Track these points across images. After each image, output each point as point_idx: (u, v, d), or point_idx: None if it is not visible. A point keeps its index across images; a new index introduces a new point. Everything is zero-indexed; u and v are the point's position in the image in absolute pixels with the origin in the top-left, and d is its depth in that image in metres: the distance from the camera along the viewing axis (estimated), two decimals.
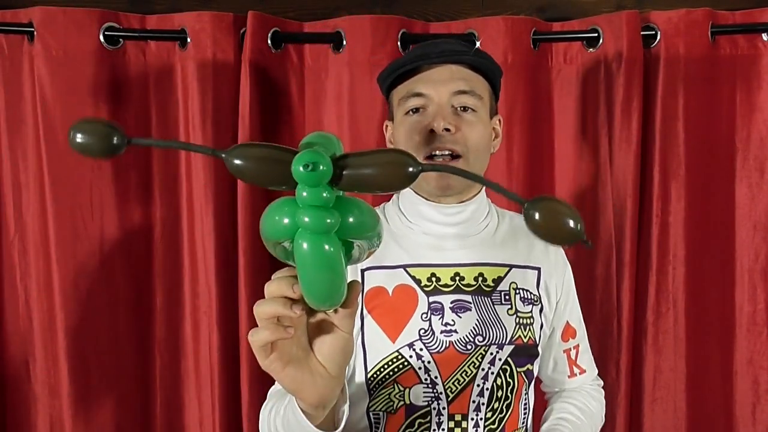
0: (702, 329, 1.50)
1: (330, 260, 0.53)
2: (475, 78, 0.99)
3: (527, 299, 1.01)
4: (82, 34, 1.36)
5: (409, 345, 0.94)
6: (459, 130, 0.95)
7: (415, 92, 0.97)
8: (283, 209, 0.53)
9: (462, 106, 0.96)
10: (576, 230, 0.50)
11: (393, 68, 1.01)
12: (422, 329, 0.95)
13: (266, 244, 0.58)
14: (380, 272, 0.97)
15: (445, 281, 0.97)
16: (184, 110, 1.41)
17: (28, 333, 1.43)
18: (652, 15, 1.45)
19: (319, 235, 0.51)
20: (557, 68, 1.49)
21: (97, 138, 0.48)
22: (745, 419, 1.51)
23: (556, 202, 0.52)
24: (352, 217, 0.53)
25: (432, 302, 0.96)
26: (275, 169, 0.50)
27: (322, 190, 0.50)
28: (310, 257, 0.52)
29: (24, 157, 1.40)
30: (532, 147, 1.47)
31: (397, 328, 0.95)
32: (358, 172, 0.51)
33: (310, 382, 0.62)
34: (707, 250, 1.49)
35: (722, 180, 1.49)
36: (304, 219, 0.50)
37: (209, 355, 1.44)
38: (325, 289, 0.55)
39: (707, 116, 1.47)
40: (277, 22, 1.42)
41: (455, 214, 1.00)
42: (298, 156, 0.49)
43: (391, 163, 0.51)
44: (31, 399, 1.45)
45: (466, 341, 0.95)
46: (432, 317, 0.95)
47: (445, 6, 1.51)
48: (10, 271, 1.44)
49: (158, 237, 1.46)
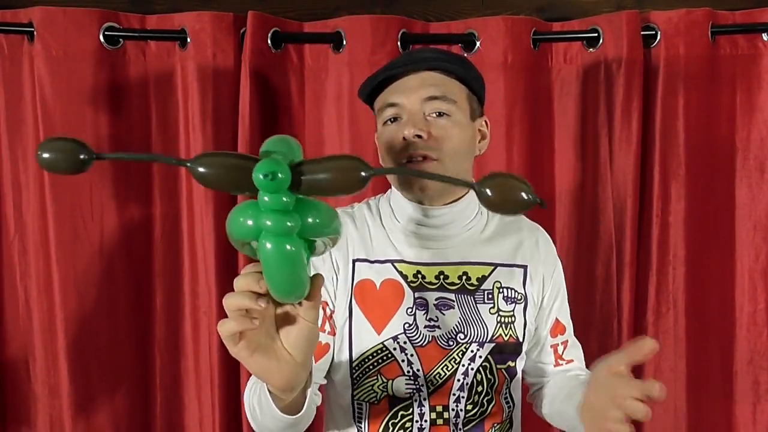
0: (702, 329, 1.50)
1: (292, 259, 0.57)
2: (448, 82, 0.99)
3: (511, 298, 1.02)
4: (82, 34, 1.36)
5: (393, 338, 0.97)
6: (431, 135, 0.96)
7: (389, 102, 1.00)
8: (246, 212, 0.56)
9: (436, 111, 0.97)
10: (527, 199, 0.55)
11: (367, 82, 1.04)
12: (407, 323, 0.98)
13: (233, 243, 0.62)
14: (370, 266, 1.00)
15: (430, 279, 1.00)
16: (184, 110, 1.41)
17: (28, 333, 1.43)
18: (652, 15, 1.45)
19: (281, 236, 0.55)
20: (557, 68, 1.49)
21: (63, 155, 0.51)
22: (745, 419, 1.51)
23: (502, 176, 0.56)
24: (311, 217, 0.57)
25: (417, 298, 0.98)
26: (238, 176, 0.54)
27: (282, 196, 0.54)
28: (273, 257, 0.56)
29: (24, 157, 1.41)
30: (532, 147, 1.47)
31: (383, 320, 0.98)
32: (314, 178, 0.55)
33: (277, 368, 0.66)
34: (707, 250, 1.49)
35: (722, 180, 1.49)
36: (266, 222, 0.54)
37: (209, 355, 1.44)
38: (288, 285, 0.60)
39: (707, 116, 1.47)
40: (277, 22, 1.42)
41: (440, 216, 1.01)
42: (258, 165, 0.52)
43: (344, 169, 0.55)
44: (31, 399, 1.45)
45: (448, 337, 0.98)
46: (417, 312, 0.98)
47: (445, 6, 1.51)
48: (10, 271, 1.44)
49: (158, 237, 1.46)
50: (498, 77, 1.43)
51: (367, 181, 0.56)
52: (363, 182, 0.55)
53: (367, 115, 1.43)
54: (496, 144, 1.44)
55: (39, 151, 0.51)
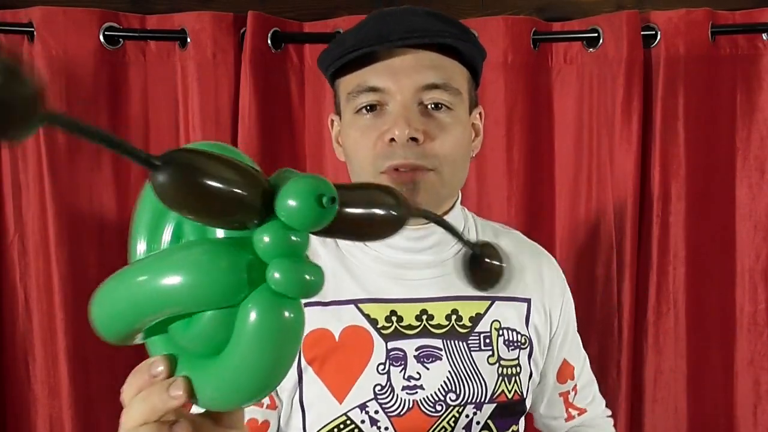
0: (702, 329, 1.49)
1: (295, 334, 0.38)
2: (449, 64, 0.76)
3: (513, 342, 0.80)
4: (82, 34, 1.36)
5: (360, 406, 0.74)
6: (429, 137, 0.73)
7: (369, 86, 0.74)
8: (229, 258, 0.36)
9: (434, 102, 0.75)
10: None
11: (337, 52, 0.76)
12: (378, 385, 0.75)
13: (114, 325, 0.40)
14: (324, 310, 0.75)
15: (409, 321, 0.76)
16: (184, 110, 1.41)
17: (28, 333, 1.43)
18: (652, 15, 1.45)
19: (288, 302, 0.37)
20: (557, 68, 1.48)
21: None
22: (746, 420, 1.51)
23: None
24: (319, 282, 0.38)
25: (391, 349, 0.75)
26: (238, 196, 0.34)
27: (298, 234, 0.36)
28: (271, 331, 0.36)
29: (24, 157, 1.40)
30: (532, 147, 1.47)
31: (345, 384, 0.75)
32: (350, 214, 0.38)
33: None
34: (708, 250, 1.49)
35: (722, 180, 1.49)
36: (275, 275, 0.36)
37: None
38: (261, 382, 0.38)
39: (707, 116, 1.46)
40: (277, 22, 1.42)
41: (423, 237, 0.78)
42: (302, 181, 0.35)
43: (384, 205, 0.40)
44: (31, 399, 1.45)
45: (434, 401, 0.75)
46: (391, 369, 0.75)
47: (445, 6, 1.51)
48: (10, 271, 1.43)
49: None
50: (498, 77, 1.42)
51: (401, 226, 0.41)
52: (399, 226, 0.41)
53: None
54: (496, 144, 1.44)
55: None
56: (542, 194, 1.49)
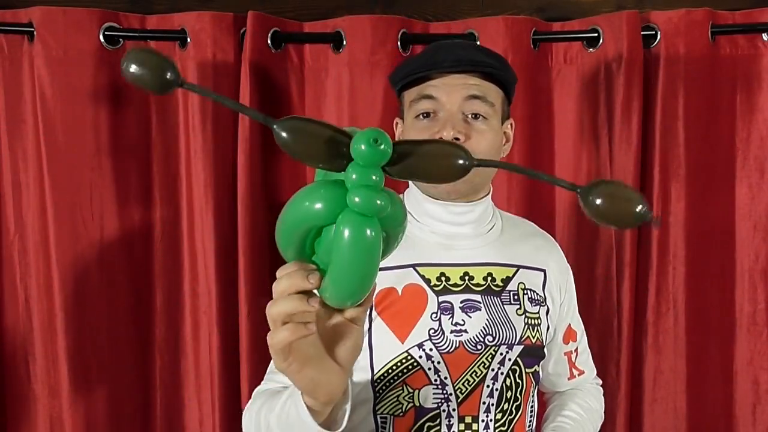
0: (702, 329, 1.49)
1: (373, 246, 0.51)
2: (487, 85, 0.98)
3: (535, 300, 1.00)
4: (82, 34, 1.36)
5: (418, 345, 0.93)
6: (468, 138, 0.94)
7: (426, 94, 0.97)
8: (318, 193, 0.51)
9: (473, 113, 0.96)
10: (641, 212, 0.48)
11: (405, 72, 1.00)
12: (432, 329, 0.93)
13: (282, 239, 0.57)
14: (390, 273, 0.95)
15: (455, 281, 0.96)
16: (184, 110, 1.41)
17: (28, 333, 1.43)
18: (652, 15, 1.45)
19: (366, 218, 0.50)
20: (557, 68, 1.48)
21: (150, 71, 0.50)
22: (745, 420, 1.51)
23: (614, 184, 0.50)
24: (391, 207, 0.51)
25: (442, 302, 0.95)
26: (325, 146, 0.49)
27: (375, 172, 0.49)
28: (353, 241, 0.50)
29: (24, 157, 1.40)
30: (532, 147, 1.47)
31: (406, 328, 0.94)
32: (411, 160, 0.51)
33: (326, 381, 0.62)
34: (707, 250, 1.49)
35: (722, 180, 1.49)
36: (354, 199, 0.49)
37: (209, 355, 1.44)
38: (359, 279, 0.53)
39: (707, 116, 1.47)
40: (277, 22, 1.42)
41: (464, 213, 0.99)
42: (362, 132, 0.48)
43: (443, 155, 0.52)
44: (31, 399, 1.45)
45: (476, 341, 0.94)
46: (442, 317, 0.94)
47: (445, 6, 1.51)
48: (10, 271, 1.43)
49: (158, 237, 1.46)
50: None
51: (467, 172, 0.52)
52: (462, 172, 0.51)
53: (367, 115, 1.44)
54: None
55: (125, 63, 0.49)
56: (542, 194, 1.49)
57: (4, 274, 1.44)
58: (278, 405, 0.75)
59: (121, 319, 1.44)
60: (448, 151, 0.52)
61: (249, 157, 1.39)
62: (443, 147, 0.53)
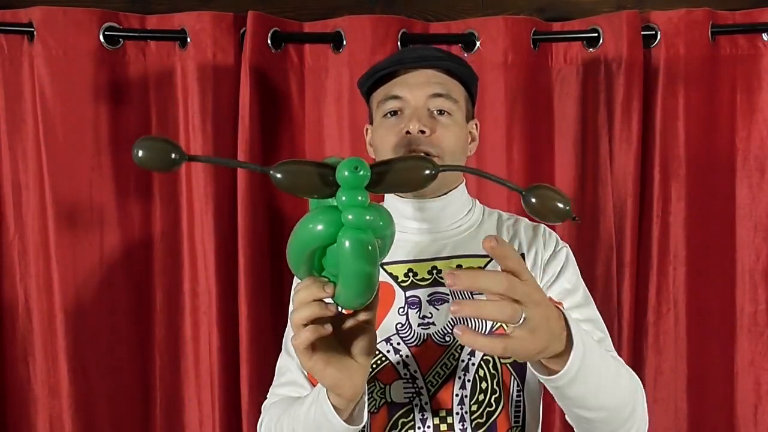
0: (703, 330, 1.49)
1: (370, 255, 0.60)
2: (450, 82, 1.01)
3: None
4: (82, 34, 1.36)
5: (386, 340, 0.95)
6: (434, 132, 0.97)
7: (392, 95, 1.00)
8: (317, 218, 0.61)
9: (438, 109, 0.99)
10: (565, 209, 0.62)
11: (371, 72, 1.03)
12: (399, 323, 0.95)
13: (294, 261, 0.66)
14: None
15: (422, 275, 0.98)
16: (184, 110, 1.41)
17: (28, 333, 1.43)
18: (652, 15, 1.45)
19: (362, 231, 0.59)
20: (557, 68, 1.48)
21: (157, 153, 0.56)
22: (746, 420, 1.51)
23: (545, 188, 0.62)
24: (379, 219, 0.62)
25: (409, 297, 0.96)
26: (315, 180, 0.60)
27: (360, 193, 0.59)
28: (354, 252, 0.59)
29: (24, 157, 1.40)
30: (532, 147, 1.47)
31: None
32: (387, 177, 0.62)
33: (348, 378, 0.70)
34: (708, 250, 1.49)
35: (722, 180, 1.49)
36: (348, 217, 0.59)
37: (209, 355, 1.43)
38: (364, 283, 0.62)
39: (707, 116, 1.47)
40: (277, 22, 1.42)
41: (432, 209, 1.01)
42: (344, 162, 0.59)
43: (412, 168, 0.62)
44: (31, 399, 1.45)
45: (444, 333, 0.95)
46: (409, 311, 0.96)
47: (445, 6, 1.51)
48: (10, 271, 1.43)
49: (158, 237, 1.46)
50: (498, 77, 1.43)
51: (434, 178, 0.62)
52: (430, 179, 0.62)
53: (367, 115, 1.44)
54: (496, 144, 1.44)
55: (135, 149, 0.56)
56: None
57: (4, 274, 1.44)
58: (303, 411, 0.81)
59: (121, 319, 1.44)
60: (416, 164, 0.63)
61: (249, 157, 1.39)
62: (411, 161, 0.63)
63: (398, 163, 0.62)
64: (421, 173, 0.61)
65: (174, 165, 0.56)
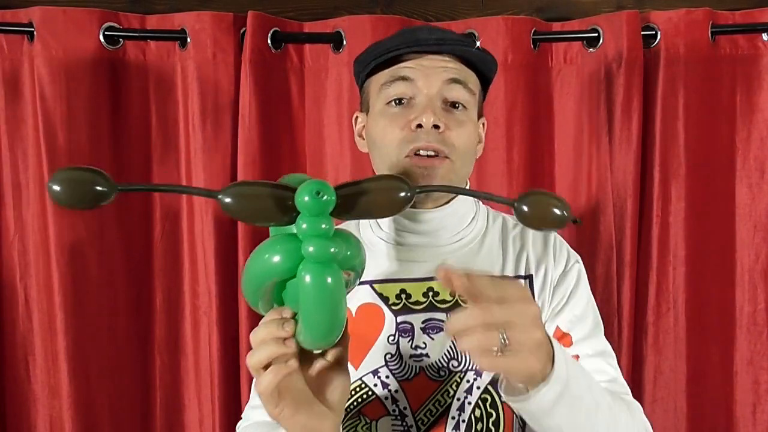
0: (702, 329, 1.49)
1: (334, 292, 0.53)
2: (467, 71, 0.88)
3: None
4: (82, 34, 1.36)
5: (373, 372, 0.84)
6: (448, 128, 0.84)
7: (401, 76, 0.85)
8: (275, 248, 0.53)
9: (453, 101, 0.86)
10: (562, 215, 0.54)
11: (377, 51, 0.87)
12: (389, 354, 0.85)
13: (250, 296, 0.58)
14: None
15: (417, 298, 0.86)
16: (184, 110, 1.41)
17: (28, 333, 1.43)
18: (652, 15, 1.45)
19: (324, 265, 0.52)
20: (557, 68, 1.48)
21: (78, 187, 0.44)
22: (745, 420, 1.51)
23: (538, 193, 0.56)
24: (345, 248, 0.54)
25: (400, 323, 0.85)
26: (271, 205, 0.51)
27: (324, 220, 0.51)
28: (316, 289, 0.52)
29: (24, 157, 1.40)
30: (532, 147, 1.47)
31: (360, 353, 0.85)
32: (355, 200, 0.53)
33: (318, 426, 0.62)
34: (708, 250, 1.49)
35: (722, 180, 1.49)
36: (309, 249, 0.51)
37: (209, 355, 1.44)
38: (328, 322, 0.55)
39: (707, 116, 1.47)
40: (277, 22, 1.42)
41: (428, 221, 0.87)
42: (304, 185, 0.50)
43: (385, 189, 0.54)
44: (31, 399, 1.45)
45: (438, 367, 0.83)
46: (400, 339, 0.84)
47: (445, 6, 1.51)
48: (10, 271, 1.43)
49: (158, 237, 1.46)
50: (498, 77, 1.41)
51: (409, 202, 0.54)
52: (405, 203, 0.54)
53: None
54: (496, 144, 1.44)
55: (50, 184, 0.45)
56: None
57: (4, 274, 1.43)
58: None
59: (121, 319, 1.44)
60: (389, 185, 0.55)
61: (249, 157, 1.39)
62: (382, 182, 0.55)
63: (368, 183, 0.54)
64: (395, 196, 0.53)
65: (101, 199, 0.47)
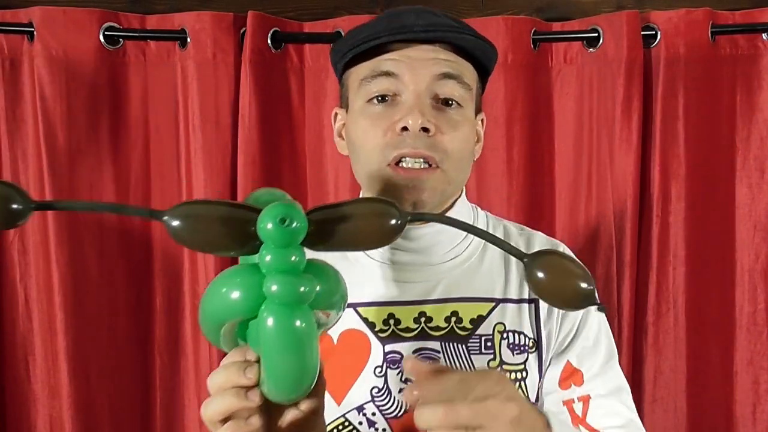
0: (702, 329, 1.49)
1: (303, 337, 0.43)
2: (462, 62, 0.77)
3: (519, 345, 0.77)
4: (82, 34, 1.36)
5: (358, 408, 0.75)
6: (439, 131, 0.73)
7: (383, 70, 0.74)
8: (235, 281, 0.43)
9: (446, 98, 0.75)
10: (587, 291, 0.41)
11: (357, 39, 0.76)
12: (376, 388, 0.75)
13: (208, 332, 0.48)
14: None
15: (407, 324, 0.76)
16: (184, 110, 1.41)
17: (28, 333, 1.43)
18: (652, 15, 1.45)
19: (290, 307, 0.42)
20: (557, 68, 1.48)
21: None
22: (745, 419, 1.51)
23: (560, 257, 0.43)
24: (320, 284, 0.44)
25: (389, 352, 0.75)
26: (228, 230, 0.40)
27: (294, 252, 0.41)
28: (281, 335, 0.42)
29: (24, 157, 1.40)
30: (532, 147, 1.47)
31: (343, 386, 0.76)
32: (333, 228, 0.42)
33: None
34: (707, 250, 1.49)
35: (722, 180, 1.49)
36: (272, 288, 0.41)
37: (209, 355, 1.43)
38: (296, 373, 0.45)
39: (707, 116, 1.47)
40: (277, 22, 1.42)
41: (420, 237, 0.77)
42: (268, 209, 0.40)
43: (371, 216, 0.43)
44: (31, 399, 1.45)
45: None
46: (388, 372, 0.75)
47: (445, 6, 1.51)
48: (10, 271, 1.43)
49: (158, 237, 1.46)
50: (498, 77, 1.42)
51: (401, 231, 0.43)
52: (394, 232, 0.43)
53: None
54: (496, 144, 1.44)
55: None
56: (542, 194, 1.49)
57: (4, 274, 1.43)
58: None
59: (121, 320, 1.44)
60: (374, 210, 0.43)
61: (249, 157, 1.39)
62: (366, 205, 0.44)
63: (349, 207, 0.43)
64: (382, 223, 0.43)
65: (15, 218, 0.39)
